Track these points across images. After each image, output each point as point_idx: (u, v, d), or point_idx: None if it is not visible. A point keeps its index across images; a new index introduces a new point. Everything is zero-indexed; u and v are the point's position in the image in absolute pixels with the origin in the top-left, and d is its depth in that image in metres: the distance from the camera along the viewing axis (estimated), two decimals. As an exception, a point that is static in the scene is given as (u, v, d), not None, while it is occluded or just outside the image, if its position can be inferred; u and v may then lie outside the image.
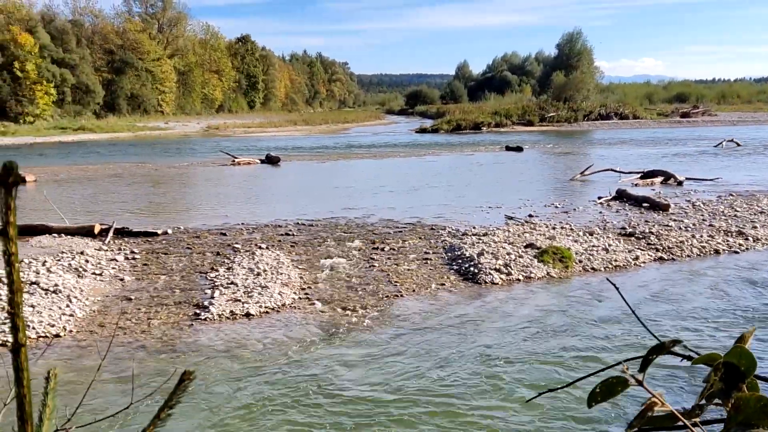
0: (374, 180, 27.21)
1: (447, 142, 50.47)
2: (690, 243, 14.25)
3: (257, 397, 7.15)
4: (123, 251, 13.96)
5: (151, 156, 40.17)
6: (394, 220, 17.48)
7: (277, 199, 22.11)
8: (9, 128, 61.60)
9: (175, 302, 10.64)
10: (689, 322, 9.56)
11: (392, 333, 9.27)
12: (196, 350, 8.63)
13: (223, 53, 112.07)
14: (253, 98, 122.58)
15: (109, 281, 11.88)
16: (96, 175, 29.74)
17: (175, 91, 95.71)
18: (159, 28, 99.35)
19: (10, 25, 67.91)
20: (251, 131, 72.73)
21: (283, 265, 12.62)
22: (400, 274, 12.28)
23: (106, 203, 21.23)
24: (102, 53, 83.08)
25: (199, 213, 19.40)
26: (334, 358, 8.31)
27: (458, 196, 21.70)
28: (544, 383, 7.39)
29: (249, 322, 9.75)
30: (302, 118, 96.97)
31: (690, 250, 13.79)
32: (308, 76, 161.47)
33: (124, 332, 9.25)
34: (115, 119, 77.99)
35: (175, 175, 30.08)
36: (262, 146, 46.16)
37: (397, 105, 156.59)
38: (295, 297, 10.82)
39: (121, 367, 8.00)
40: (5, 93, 65.97)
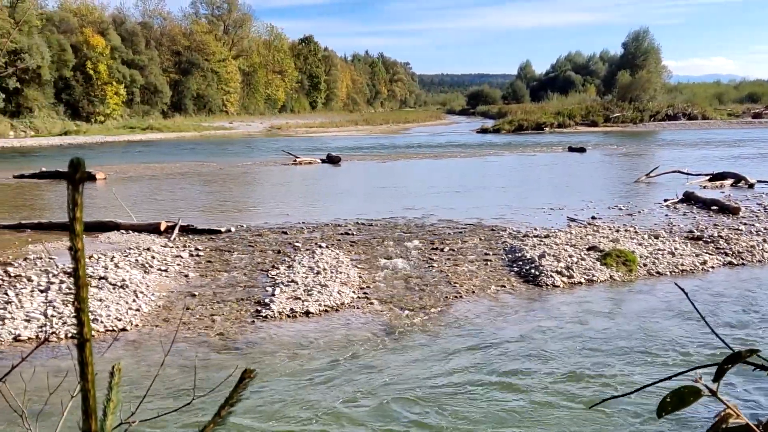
0: (434, 180, 27.14)
1: (508, 142, 49.98)
2: (761, 248, 13.76)
3: (315, 396, 7.20)
4: (188, 248, 14.26)
5: (216, 155, 40.95)
6: (453, 220, 17.39)
7: (337, 198, 22.26)
8: (81, 127, 63.69)
9: (237, 299, 10.81)
10: (761, 330, 9.22)
11: (450, 334, 9.22)
12: (257, 347, 8.74)
13: (286, 54, 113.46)
14: (315, 98, 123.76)
15: (174, 277, 12.14)
16: (162, 173, 30.48)
17: (240, 92, 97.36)
18: (224, 29, 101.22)
19: (83, 27, 70.21)
20: (313, 131, 73.45)
21: (342, 264, 12.69)
22: (459, 275, 12.20)
23: (172, 201, 21.73)
24: (169, 54, 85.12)
25: (261, 211, 19.68)
26: (392, 358, 8.31)
27: (519, 197, 21.47)
28: (608, 390, 7.23)
29: (308, 320, 9.83)
30: (363, 118, 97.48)
31: (761, 255, 13.32)
32: (369, 77, 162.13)
33: (187, 328, 9.45)
34: (181, 119, 79.83)
35: (238, 174, 30.60)
36: (323, 146, 46.56)
37: (458, 105, 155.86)
38: (354, 296, 10.86)
39: (184, 362, 8.16)
40: (78, 93, 68.22)
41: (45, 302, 10.15)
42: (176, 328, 9.37)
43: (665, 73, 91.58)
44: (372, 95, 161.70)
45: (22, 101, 61.81)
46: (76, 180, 0.69)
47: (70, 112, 68.27)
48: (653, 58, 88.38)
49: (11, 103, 61.04)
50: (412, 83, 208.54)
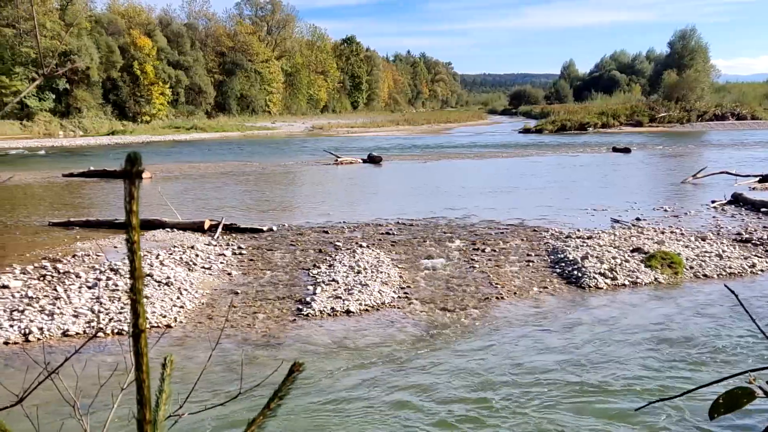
0: (476, 180, 27.01)
1: (551, 142, 49.48)
2: (813, 251, 13.38)
3: (355, 395, 7.23)
4: (231, 246, 14.43)
5: (258, 155, 41.36)
6: (495, 220, 17.28)
7: (378, 198, 22.30)
8: (128, 127, 64.99)
9: (279, 297, 10.90)
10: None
11: (492, 335, 9.16)
12: (298, 345, 8.81)
13: (328, 54, 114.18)
14: (357, 98, 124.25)
15: (217, 275, 12.30)
16: (206, 172, 30.90)
17: (282, 92, 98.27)
18: (268, 30, 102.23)
19: (130, 28, 71.61)
20: (354, 131, 73.68)
21: (383, 263, 12.71)
22: (500, 275, 12.12)
23: (216, 200, 22.02)
24: (214, 55, 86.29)
25: (303, 211, 19.82)
26: (432, 358, 8.29)
27: (562, 198, 21.24)
28: (653, 393, 7.11)
29: (349, 319, 9.87)
30: (404, 118, 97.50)
31: (813, 259, 12.94)
32: (411, 77, 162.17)
33: (230, 325, 9.56)
34: (225, 119, 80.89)
35: (280, 174, 30.86)
36: (364, 146, 46.68)
37: (501, 105, 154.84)
38: (395, 296, 10.86)
39: (227, 358, 8.27)
40: (125, 94, 69.59)
41: (92, 298, 10.37)
42: (220, 325, 9.49)
43: (713, 73, 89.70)
44: (413, 95, 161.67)
45: (72, 102, 63.30)
46: (133, 174, 0.71)
47: (117, 113, 69.70)
48: (701, 57, 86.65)
49: (61, 103, 62.55)
50: (453, 83, 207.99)
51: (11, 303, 10.13)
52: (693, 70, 79.63)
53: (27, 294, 10.54)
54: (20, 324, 9.22)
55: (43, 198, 22.96)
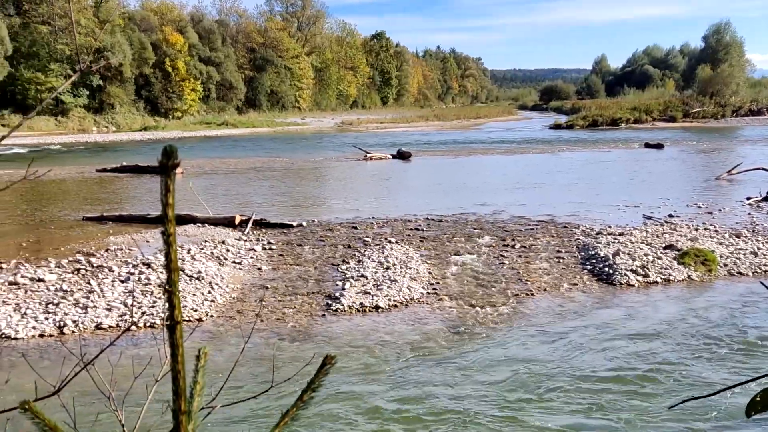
0: (506, 176, 26.86)
1: (582, 138, 49.01)
2: None
3: (384, 390, 7.24)
4: (261, 242, 14.53)
5: (288, 151, 41.56)
6: (525, 217, 17.18)
7: (408, 194, 22.28)
8: (159, 123, 65.70)
9: (308, 292, 10.95)
10: None
11: (521, 332, 9.12)
12: (327, 340, 8.85)
13: (358, 50, 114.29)
14: (386, 94, 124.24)
15: (248, 270, 12.39)
16: (237, 168, 31.13)
17: (312, 88, 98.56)
18: (298, 26, 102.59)
19: (162, 25, 72.33)
20: (383, 127, 73.68)
21: (412, 259, 12.70)
22: (530, 272, 12.05)
23: (246, 195, 22.18)
24: (245, 51, 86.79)
25: (332, 206, 19.89)
26: (462, 354, 8.28)
27: (593, 194, 21.04)
28: (686, 391, 7.02)
29: (378, 314, 9.88)
30: (434, 114, 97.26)
31: None
32: (441, 72, 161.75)
33: (260, 319, 9.63)
34: (255, 115, 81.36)
35: (309, 170, 30.98)
36: (394, 141, 46.66)
37: (531, 100, 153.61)
38: (424, 292, 10.86)
39: (257, 352, 8.33)
40: (157, 90, 70.35)
41: (125, 292, 10.51)
42: (250, 320, 9.57)
43: (749, 67, 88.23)
44: (443, 91, 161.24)
45: (105, 98, 64.16)
46: (169, 167, 0.72)
47: (150, 108, 70.50)
48: (736, 51, 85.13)
49: (95, 99, 63.43)
50: (483, 78, 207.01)
51: (46, 296, 10.31)
52: (728, 65, 78.32)
53: (62, 287, 10.72)
54: (55, 317, 9.39)
55: (77, 193, 23.33)
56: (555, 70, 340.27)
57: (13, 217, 17.73)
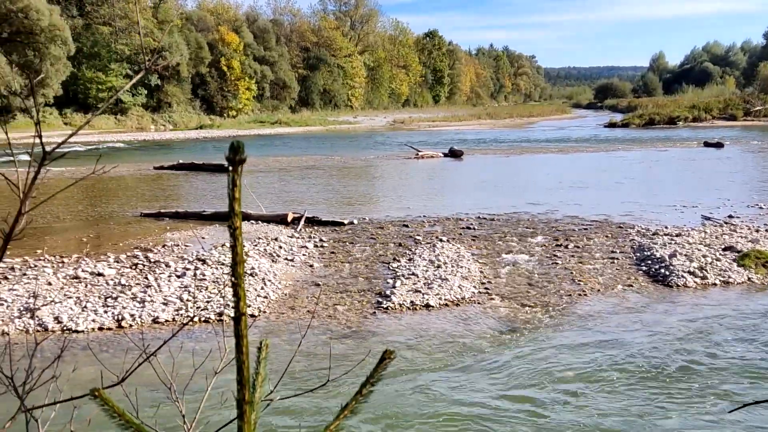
0: (559, 175, 26.52)
1: (638, 137, 48.05)
2: None
3: (435, 389, 7.23)
4: (312, 239, 14.66)
5: (340, 149, 41.80)
6: (579, 216, 16.95)
7: (459, 192, 22.19)
8: (215, 121, 66.83)
9: (359, 290, 11.01)
10: None
11: (574, 332, 9.00)
12: (378, 338, 8.88)
13: (410, 48, 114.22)
14: (438, 92, 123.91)
15: (300, 267, 12.52)
16: (289, 166, 31.44)
17: (364, 86, 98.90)
18: (351, 25, 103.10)
19: (219, 25, 73.51)
20: (435, 125, 73.51)
21: (463, 258, 12.66)
22: (584, 272, 11.89)
23: (298, 193, 22.39)
24: (298, 50, 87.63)
25: (383, 204, 19.93)
26: (513, 354, 8.21)
27: (649, 194, 20.62)
28: (745, 395, 6.84)
29: (428, 313, 9.88)
30: (486, 112, 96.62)
31: None
32: (494, 70, 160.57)
33: (312, 316, 9.72)
34: (308, 113, 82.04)
35: (361, 168, 31.11)
36: (445, 140, 46.50)
37: (585, 99, 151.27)
38: (475, 291, 10.81)
39: (309, 348, 8.41)
40: (213, 89, 71.54)
41: (181, 287, 10.73)
42: (302, 316, 9.67)
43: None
44: (496, 89, 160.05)
45: (163, 97, 65.55)
46: (236, 162, 0.74)
47: (205, 107, 71.74)
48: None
49: (153, 98, 64.86)
50: (537, 76, 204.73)
51: (106, 290, 10.60)
52: (792, 61, 75.77)
53: (120, 282, 11.00)
54: (114, 310, 9.64)
55: (136, 189, 23.89)
56: (610, 67, 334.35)
57: (74, 213, 18.25)
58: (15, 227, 1.18)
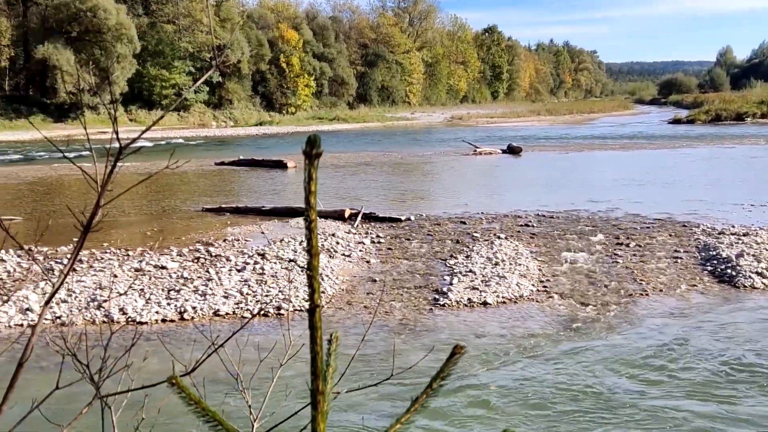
0: (620, 172, 26.01)
1: (704, 133, 46.76)
2: None
3: (494, 387, 7.19)
4: (369, 235, 14.72)
5: (398, 145, 41.85)
6: (641, 214, 16.60)
7: (517, 189, 21.97)
8: (274, 118, 67.76)
9: (416, 286, 11.01)
10: None
11: (635, 332, 8.83)
12: (434, 334, 8.87)
13: (469, 44, 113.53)
14: (497, 88, 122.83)
15: (357, 263, 12.59)
16: (347, 162, 31.62)
17: (422, 83, 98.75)
18: (410, 21, 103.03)
19: (279, 23, 74.41)
20: (493, 121, 72.96)
21: (521, 256, 12.54)
22: (646, 272, 11.64)
23: (355, 189, 22.51)
24: (357, 47, 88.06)
25: (440, 201, 19.88)
26: (572, 353, 8.10)
27: (715, 192, 20.06)
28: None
29: (486, 310, 9.82)
30: (546, 108, 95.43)
31: None
32: (554, 66, 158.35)
33: (368, 312, 9.77)
34: (366, 110, 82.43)
35: (418, 164, 31.09)
36: (503, 136, 46.10)
37: (648, 94, 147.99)
38: (533, 289, 10.70)
39: (366, 343, 8.45)
40: (273, 85, 72.49)
41: (241, 281, 10.92)
42: (359, 311, 9.73)
43: None
44: (555, 85, 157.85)
45: (224, 94, 66.76)
46: (313, 155, 0.75)
47: (265, 104, 72.76)
48: None
49: (214, 95, 66.10)
50: (598, 72, 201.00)
51: (168, 283, 10.85)
52: None
53: (182, 275, 11.26)
54: (176, 303, 9.87)
55: (197, 185, 24.39)
56: (675, 62, 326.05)
57: (139, 207, 18.74)
58: (93, 219, 1.22)
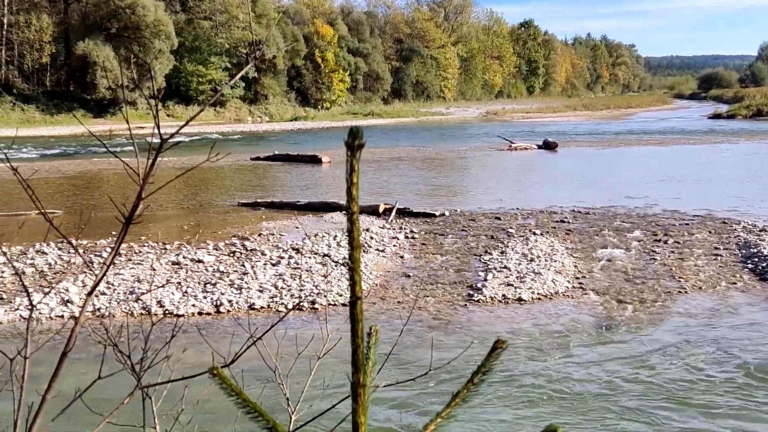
0: (658, 168, 25.63)
1: (745, 129, 45.84)
2: None
3: (529, 383, 7.14)
4: (403, 230, 14.72)
5: (432, 140, 41.74)
6: (679, 211, 16.34)
7: (553, 185, 21.77)
8: (309, 113, 68.01)
9: (450, 282, 10.98)
10: None
11: (672, 331, 8.70)
12: (469, 330, 8.84)
13: (505, 39, 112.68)
14: (533, 83, 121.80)
15: (390, 258, 12.60)
16: (381, 157, 31.62)
17: (457, 78, 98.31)
18: (445, 16, 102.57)
19: (314, 18, 74.66)
20: (529, 116, 72.39)
21: (557, 252, 12.44)
22: (684, 269, 11.46)
23: (389, 184, 22.51)
24: (392, 42, 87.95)
25: (475, 196, 19.79)
26: (607, 351, 8.01)
27: (756, 188, 19.66)
28: None
29: (521, 307, 9.76)
30: (582, 103, 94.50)
31: None
32: (591, 60, 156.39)
33: (402, 307, 9.77)
34: (400, 105, 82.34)
35: (453, 159, 30.98)
36: (539, 131, 45.72)
37: (688, 89, 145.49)
38: (569, 285, 10.60)
39: (400, 338, 8.45)
40: (308, 81, 72.78)
41: (276, 275, 11.00)
42: (392, 306, 9.74)
43: None
44: (592, 80, 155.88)
45: (260, 89, 67.21)
46: (355, 147, 0.75)
47: (300, 99, 73.08)
48: None
49: (250, 90, 66.60)
50: (636, 66, 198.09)
51: (205, 276, 10.98)
52: None
53: (218, 268, 11.38)
54: (212, 296, 9.98)
55: (233, 180, 24.61)
56: (715, 56, 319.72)
57: (176, 201, 18.96)
58: (134, 211, 1.24)
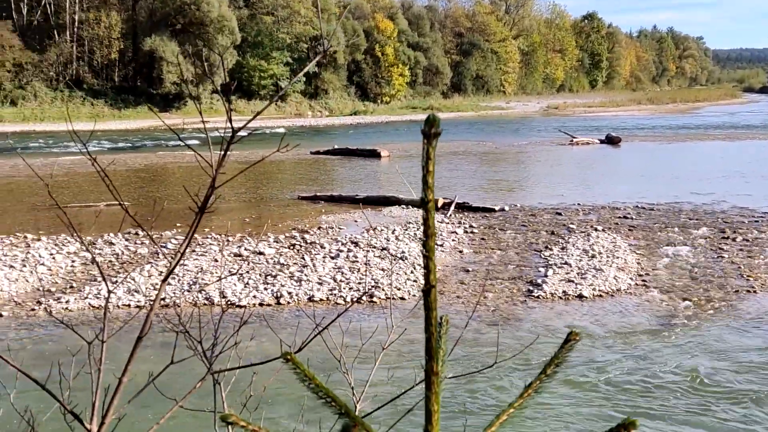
0: (727, 164, 24.87)
1: (820, 123, 44.05)
2: None
3: (591, 380, 7.04)
4: (462, 225, 14.65)
5: (492, 135, 41.38)
6: (749, 208, 15.83)
7: (616, 180, 21.35)
8: (368, 108, 68.23)
9: (509, 277, 10.89)
10: None
11: (740, 330, 8.45)
12: (528, 325, 8.76)
13: (567, 32, 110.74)
14: (596, 77, 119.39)
15: (449, 252, 12.57)
16: (440, 152, 31.08)
17: (518, 71, 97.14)
18: (506, 9, 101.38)
19: (374, 12, 74.80)
20: (591, 111, 71.12)
21: (619, 248, 12.21)
22: (753, 267, 11.11)
23: (448, 179, 22.42)
24: (452, 36, 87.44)
25: (535, 191, 19.56)
26: (670, 351, 7.84)
27: (831, 186, 18.90)
28: None
29: (581, 303, 9.62)
30: (647, 97, 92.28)
31: None
32: (656, 53, 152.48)
33: (461, 302, 9.73)
34: (460, 99, 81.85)
35: (513, 154, 30.67)
36: (602, 126, 44.84)
37: (758, 82, 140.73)
38: (631, 283, 10.40)
39: (458, 333, 8.42)
40: (367, 75, 73.01)
41: (335, 268, 11.10)
42: (450, 301, 9.72)
43: None
44: (658, 73, 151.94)
45: (320, 83, 67.72)
46: (431, 135, 0.75)
47: (359, 94, 73.34)
48: None
49: (310, 85, 67.19)
50: (704, 59, 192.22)
51: (266, 268, 11.15)
52: None
53: (279, 261, 11.54)
54: (273, 288, 10.13)
55: (293, 173, 24.90)
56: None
57: (238, 195, 19.29)
58: (207, 201, 1.27)
